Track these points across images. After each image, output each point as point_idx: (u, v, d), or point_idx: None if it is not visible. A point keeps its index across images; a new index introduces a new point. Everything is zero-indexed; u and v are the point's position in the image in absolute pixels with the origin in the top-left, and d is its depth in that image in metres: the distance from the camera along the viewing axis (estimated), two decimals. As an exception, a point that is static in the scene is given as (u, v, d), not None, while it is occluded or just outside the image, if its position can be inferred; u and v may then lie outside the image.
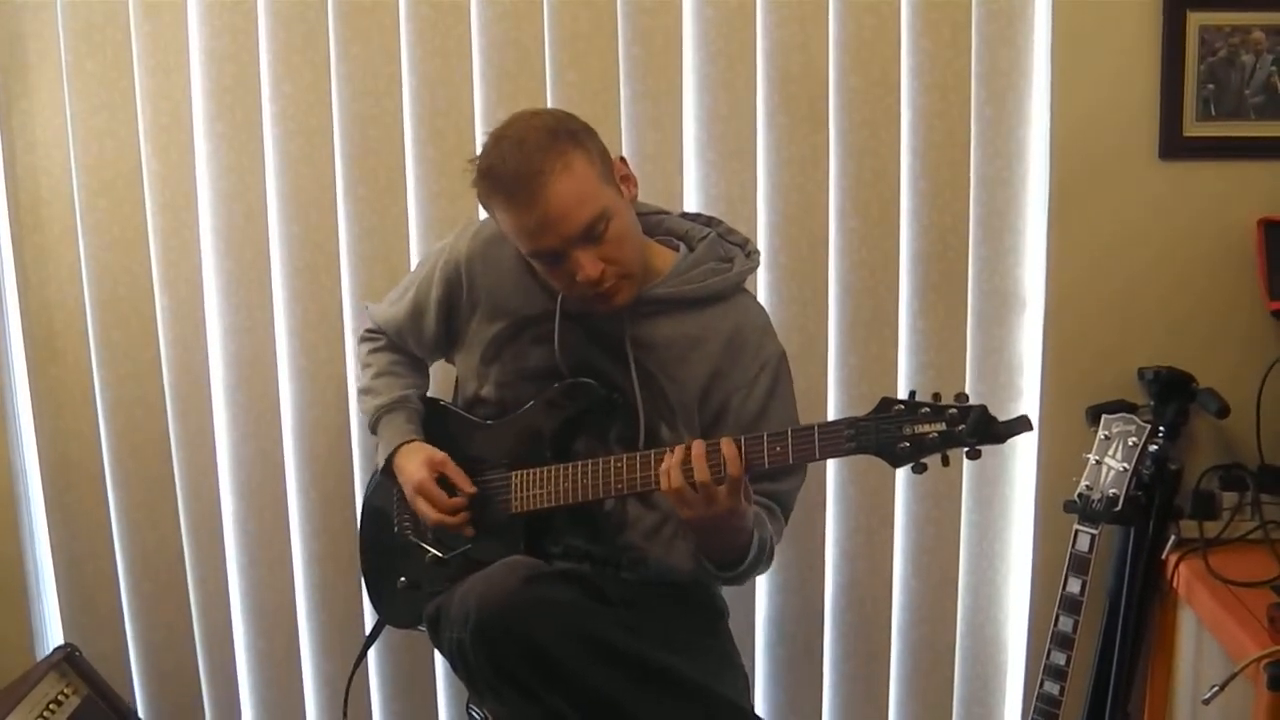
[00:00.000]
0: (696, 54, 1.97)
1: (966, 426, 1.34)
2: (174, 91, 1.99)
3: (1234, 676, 1.51)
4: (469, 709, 1.70)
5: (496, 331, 1.68)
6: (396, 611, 1.77)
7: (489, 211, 1.57)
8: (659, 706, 1.39)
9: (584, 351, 1.64)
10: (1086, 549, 1.73)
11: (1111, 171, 1.95)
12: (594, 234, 1.49)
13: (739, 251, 1.70)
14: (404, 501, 1.70)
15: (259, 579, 2.14)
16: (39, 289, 2.06)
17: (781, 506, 1.66)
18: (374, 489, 1.82)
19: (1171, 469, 1.80)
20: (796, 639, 2.12)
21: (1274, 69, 1.92)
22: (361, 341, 1.87)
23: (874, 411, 1.39)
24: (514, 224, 1.51)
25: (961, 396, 1.36)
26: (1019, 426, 1.34)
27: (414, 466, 1.66)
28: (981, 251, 1.99)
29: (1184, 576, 1.80)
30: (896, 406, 1.38)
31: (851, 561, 2.09)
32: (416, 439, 1.71)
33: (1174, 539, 1.85)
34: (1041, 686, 1.77)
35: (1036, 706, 1.77)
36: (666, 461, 1.45)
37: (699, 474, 1.42)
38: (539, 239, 1.49)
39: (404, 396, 1.75)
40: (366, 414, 1.77)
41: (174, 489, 2.10)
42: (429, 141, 2.00)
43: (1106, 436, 1.74)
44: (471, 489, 1.65)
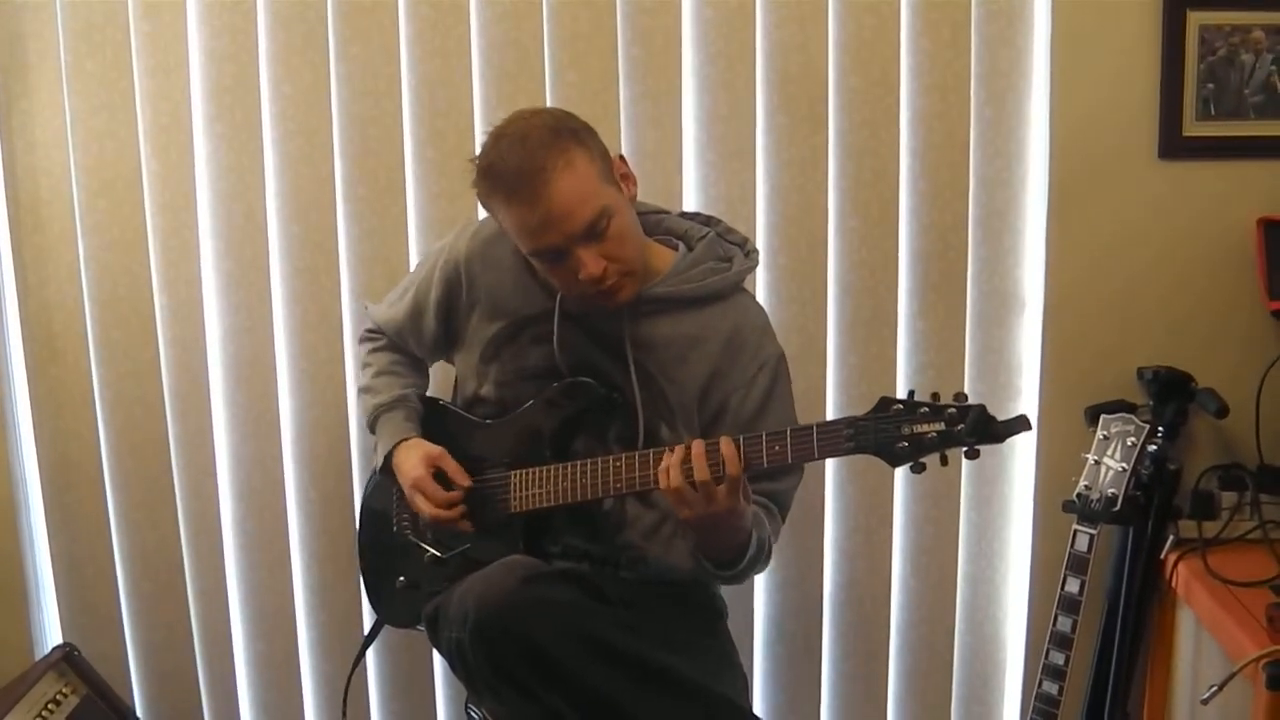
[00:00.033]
0: (696, 54, 1.97)
1: (965, 426, 1.34)
2: (173, 92, 1.99)
3: (1233, 676, 1.51)
4: (468, 709, 1.70)
5: (496, 331, 1.68)
6: (395, 611, 1.76)
7: (489, 211, 1.57)
8: (658, 706, 1.39)
9: (583, 351, 1.64)
10: (1085, 549, 1.73)
11: (1111, 171, 1.95)
12: (596, 231, 1.49)
13: (738, 251, 1.70)
14: (403, 500, 1.70)
15: (258, 579, 2.14)
16: (38, 289, 2.06)
17: (779, 506, 1.66)
18: (373, 488, 1.82)
19: (1170, 469, 1.80)
20: (795, 638, 2.12)
21: (1274, 68, 1.92)
22: (361, 341, 1.87)
23: (873, 411, 1.39)
24: (516, 222, 1.50)
25: (960, 396, 1.36)
26: (1018, 426, 1.34)
27: (411, 463, 1.66)
28: (981, 251, 1.99)
29: (1183, 576, 1.80)
30: (895, 406, 1.38)
31: (850, 561, 2.09)
32: (414, 436, 1.71)
33: (1173, 539, 1.85)
34: (1040, 686, 1.77)
35: (1035, 706, 1.77)
36: (666, 460, 1.45)
37: (699, 473, 1.42)
38: (541, 237, 1.49)
39: (403, 395, 1.75)
40: (365, 413, 1.77)
41: (173, 489, 2.10)
42: (429, 142, 2.00)
43: (1105, 436, 1.74)
44: (467, 482, 1.65)
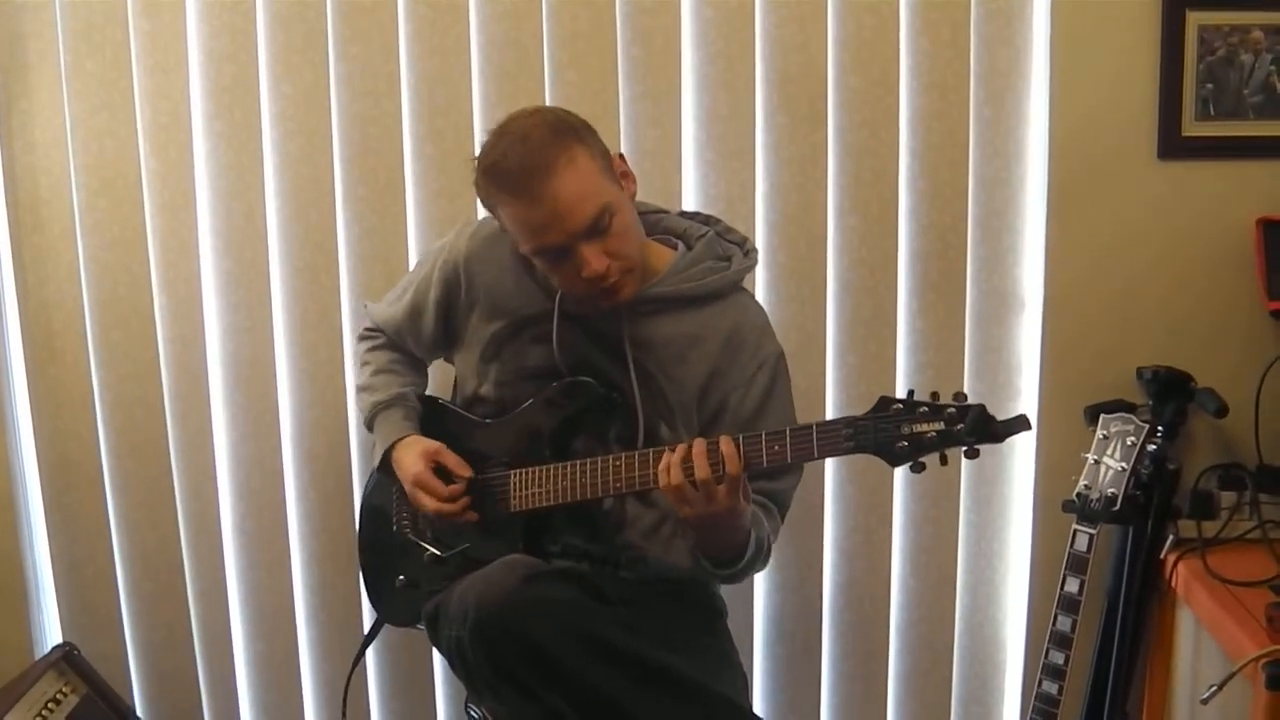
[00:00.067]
0: (696, 54, 1.97)
1: (965, 426, 1.34)
2: (173, 91, 1.99)
3: (1232, 676, 1.51)
4: (467, 708, 1.70)
5: (495, 330, 1.68)
6: (395, 610, 1.76)
7: (491, 209, 1.56)
8: (657, 705, 1.39)
9: (583, 350, 1.64)
10: (1085, 548, 1.73)
11: (1110, 171, 1.95)
12: (599, 228, 1.49)
13: (737, 250, 1.70)
14: (403, 499, 1.70)
15: (258, 579, 2.14)
16: (38, 289, 2.06)
17: (778, 505, 1.66)
18: (372, 487, 1.82)
19: (1170, 468, 1.80)
20: (795, 638, 2.12)
21: (1273, 68, 1.92)
22: (360, 340, 1.87)
23: (872, 410, 1.39)
24: (519, 220, 1.50)
25: (960, 396, 1.36)
26: (1017, 426, 1.34)
27: (410, 460, 1.66)
28: (980, 251, 1.99)
29: (1182, 576, 1.80)
30: (895, 405, 1.38)
31: (850, 560, 2.09)
32: (412, 434, 1.71)
33: (1172, 539, 1.85)
34: (1040, 686, 1.77)
35: (1035, 706, 1.78)
36: (666, 459, 1.45)
37: (699, 471, 1.42)
38: (544, 235, 1.49)
39: (401, 394, 1.75)
40: (363, 411, 1.77)
41: (173, 489, 2.10)
42: (428, 141, 2.00)
43: (1105, 436, 1.74)
44: (468, 472, 1.64)
